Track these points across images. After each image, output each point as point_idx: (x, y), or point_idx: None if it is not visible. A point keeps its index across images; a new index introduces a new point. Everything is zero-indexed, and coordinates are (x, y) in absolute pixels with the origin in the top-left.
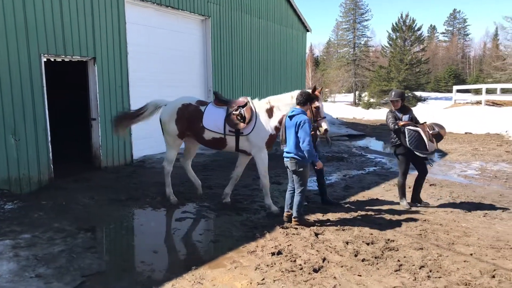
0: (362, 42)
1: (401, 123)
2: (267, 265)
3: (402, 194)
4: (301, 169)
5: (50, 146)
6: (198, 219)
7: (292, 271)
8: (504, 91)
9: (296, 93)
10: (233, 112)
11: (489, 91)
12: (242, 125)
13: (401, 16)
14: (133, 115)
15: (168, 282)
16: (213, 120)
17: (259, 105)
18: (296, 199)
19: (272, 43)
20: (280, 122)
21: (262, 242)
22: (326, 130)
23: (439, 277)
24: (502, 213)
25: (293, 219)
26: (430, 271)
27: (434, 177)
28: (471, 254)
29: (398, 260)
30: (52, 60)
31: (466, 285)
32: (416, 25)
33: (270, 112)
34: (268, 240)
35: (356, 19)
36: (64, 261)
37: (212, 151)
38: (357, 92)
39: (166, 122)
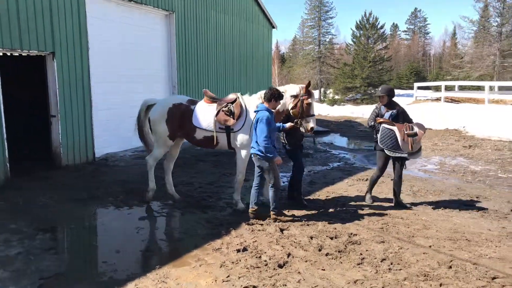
0: (327, 40)
1: (379, 120)
2: (232, 262)
3: (369, 188)
4: (266, 165)
5: (5, 144)
6: (162, 217)
7: (257, 267)
8: (461, 88)
9: (288, 87)
10: (223, 109)
11: (448, 88)
12: (231, 121)
13: (365, 14)
14: (139, 130)
15: (131, 282)
16: (203, 118)
17: (250, 101)
18: (270, 193)
19: (238, 39)
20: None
21: (227, 239)
22: (312, 129)
23: (400, 269)
24: (459, 206)
25: (271, 212)
26: (391, 264)
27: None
28: (430, 246)
29: (361, 254)
30: (9, 54)
31: (425, 276)
32: (379, 23)
33: None
34: (234, 237)
35: (321, 16)
36: (21, 264)
37: None
38: (322, 89)
39: (156, 122)
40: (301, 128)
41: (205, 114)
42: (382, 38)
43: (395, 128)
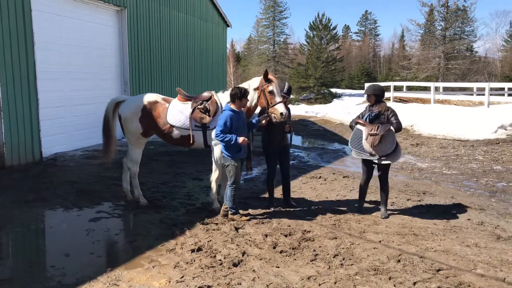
0: (282, 40)
1: (357, 120)
2: (187, 262)
3: (360, 197)
4: (226, 164)
5: None
6: (114, 218)
7: (212, 266)
8: (409, 88)
9: (251, 81)
10: (198, 107)
11: (397, 89)
12: (207, 118)
13: (318, 15)
14: (106, 129)
15: (81, 286)
16: (179, 116)
17: (224, 98)
18: (227, 191)
19: (192, 37)
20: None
21: (181, 240)
22: (281, 114)
23: (351, 264)
24: (407, 201)
25: (229, 212)
26: (343, 259)
27: (348, 169)
28: (380, 241)
29: (314, 250)
30: None
31: (375, 270)
32: (331, 24)
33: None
34: (188, 237)
35: (275, 16)
36: None
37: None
38: None
39: (127, 120)
40: (273, 119)
41: (181, 112)
42: (335, 39)
43: (363, 128)
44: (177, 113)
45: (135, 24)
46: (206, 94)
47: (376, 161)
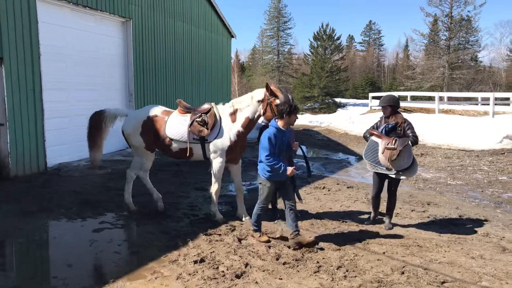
0: (286, 50)
1: (371, 131)
2: (189, 274)
3: (373, 209)
4: (259, 182)
5: None
6: (117, 229)
7: (215, 278)
8: (413, 98)
9: (254, 92)
10: (196, 119)
11: (401, 98)
12: (206, 131)
13: (322, 26)
14: (96, 127)
15: None
16: (177, 128)
17: (223, 110)
18: (254, 209)
19: (196, 48)
20: (243, 126)
21: (184, 251)
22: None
23: (355, 276)
24: (411, 212)
25: (251, 227)
26: (347, 271)
27: (352, 180)
28: (384, 253)
29: (317, 262)
30: None
31: (379, 282)
32: (335, 34)
33: (233, 116)
34: (191, 248)
35: (279, 27)
36: None
37: (127, 157)
38: None
39: (130, 135)
40: None
41: (179, 125)
42: (339, 49)
43: (379, 141)
44: (175, 125)
45: (140, 35)
46: (206, 106)
47: (393, 176)
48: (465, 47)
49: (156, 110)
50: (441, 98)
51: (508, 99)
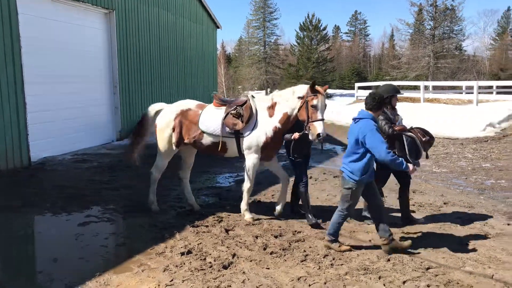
0: (272, 41)
1: (397, 127)
2: (176, 266)
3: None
4: (347, 187)
5: None
6: (103, 222)
7: (202, 269)
8: (399, 87)
9: (298, 87)
10: (231, 112)
11: None
12: (240, 125)
13: (308, 16)
14: (141, 134)
15: None
16: (210, 121)
17: (261, 103)
18: (334, 216)
19: (181, 39)
20: (281, 122)
21: (171, 243)
22: (318, 135)
23: (341, 264)
24: (397, 200)
25: (325, 237)
26: (333, 259)
27: (338, 169)
28: (370, 240)
29: (304, 251)
30: None
31: (365, 270)
32: (321, 25)
33: (271, 110)
34: (178, 240)
35: (265, 17)
36: None
37: (118, 150)
38: (268, 89)
39: (162, 129)
40: (309, 135)
41: (213, 118)
42: (325, 40)
43: (414, 136)
44: (209, 118)
45: (124, 26)
46: (242, 98)
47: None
48: (449, 36)
49: (190, 104)
50: (426, 87)
51: (491, 87)
